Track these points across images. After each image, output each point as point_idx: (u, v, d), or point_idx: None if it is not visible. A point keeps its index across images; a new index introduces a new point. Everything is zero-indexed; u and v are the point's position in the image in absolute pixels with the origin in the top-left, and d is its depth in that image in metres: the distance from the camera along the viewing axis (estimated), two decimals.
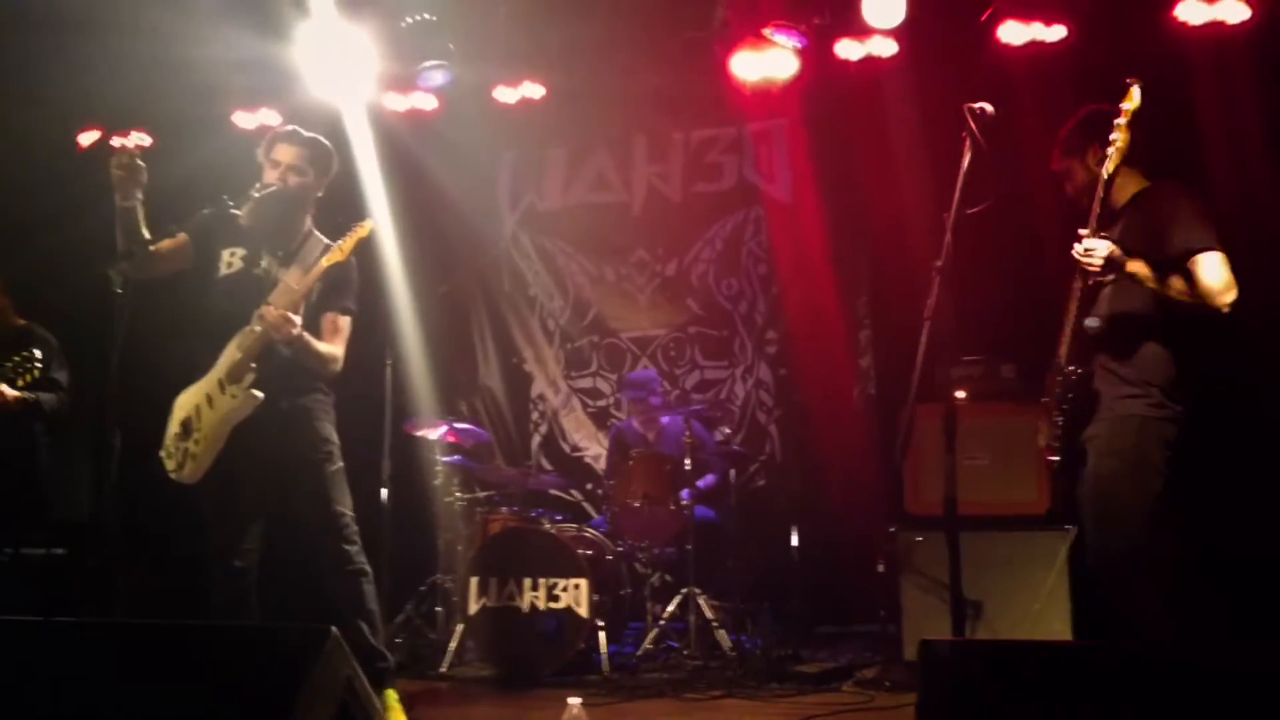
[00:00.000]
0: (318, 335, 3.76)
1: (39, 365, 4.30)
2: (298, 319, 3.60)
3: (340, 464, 3.81)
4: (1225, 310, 3.20)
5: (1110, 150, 3.20)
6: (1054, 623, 4.63)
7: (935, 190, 4.16)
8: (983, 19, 5.73)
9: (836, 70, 6.02)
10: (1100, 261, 3.20)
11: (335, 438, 3.83)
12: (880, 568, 5.17)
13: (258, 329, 3.60)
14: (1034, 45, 5.70)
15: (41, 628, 2.73)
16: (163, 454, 3.70)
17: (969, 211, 3.17)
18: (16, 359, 4.27)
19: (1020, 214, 5.44)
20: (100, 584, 5.97)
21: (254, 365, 3.59)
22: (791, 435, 6.57)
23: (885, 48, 5.90)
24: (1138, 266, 3.23)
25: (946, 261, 2.86)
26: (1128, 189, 3.46)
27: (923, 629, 4.75)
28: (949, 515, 3.01)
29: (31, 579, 6.33)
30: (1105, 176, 3.23)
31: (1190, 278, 3.23)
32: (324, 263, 3.67)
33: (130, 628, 2.79)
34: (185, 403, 3.70)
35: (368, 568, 3.81)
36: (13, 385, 4.28)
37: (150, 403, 3.80)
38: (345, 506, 3.78)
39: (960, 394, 4.78)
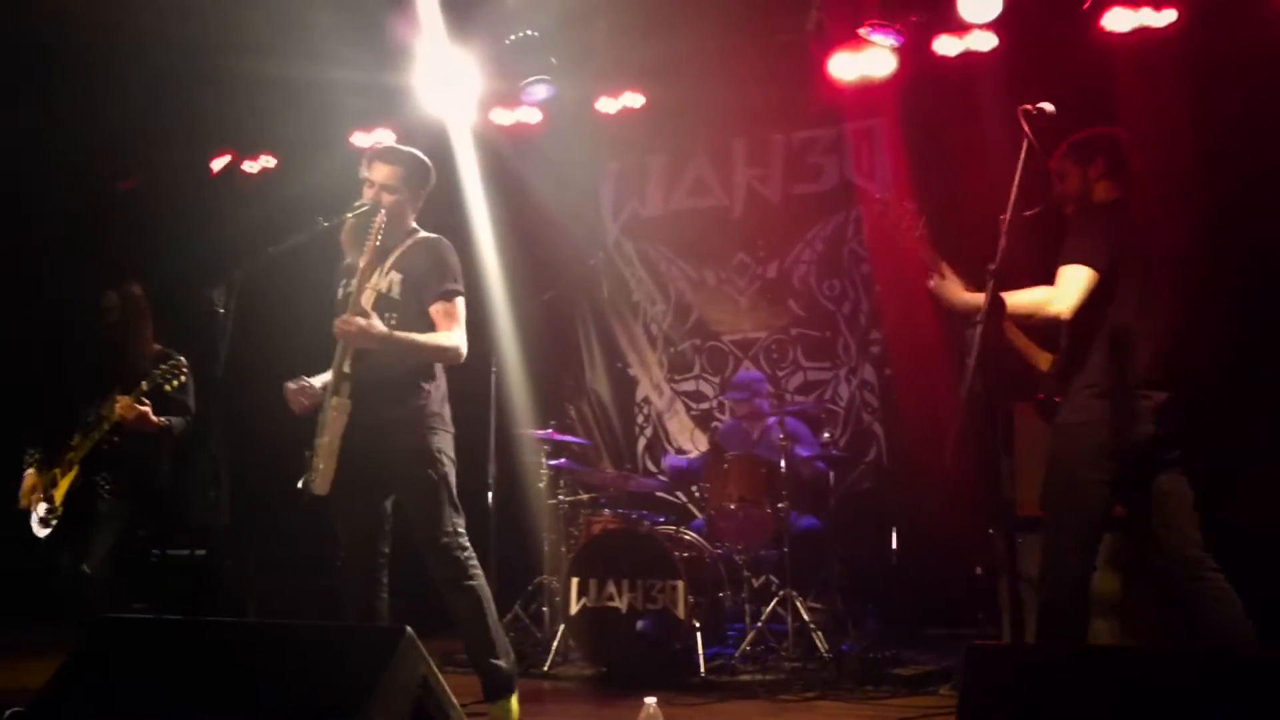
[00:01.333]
0: (418, 324, 3.72)
1: (186, 372, 4.56)
2: (375, 321, 3.57)
3: (445, 474, 3.76)
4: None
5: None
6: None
7: None
8: (1085, 6, 5.59)
9: (935, 66, 5.96)
10: None
11: (440, 447, 3.77)
12: (979, 570, 5.09)
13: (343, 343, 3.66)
14: (1141, 32, 5.53)
15: (142, 626, 2.96)
16: (306, 472, 3.73)
17: (1025, 214, 3.13)
18: (166, 366, 4.54)
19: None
20: (237, 583, 6.34)
21: (347, 374, 3.65)
22: (896, 436, 6.51)
23: (984, 42, 5.80)
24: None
25: (1000, 264, 2.84)
26: None
27: (1025, 631, 4.66)
28: (1006, 514, 3.00)
29: (177, 578, 6.77)
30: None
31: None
32: (392, 257, 3.67)
33: (219, 627, 3.00)
34: (319, 421, 3.77)
35: (480, 580, 3.78)
36: (163, 390, 4.54)
37: (254, 414, 3.98)
38: (449, 521, 3.74)
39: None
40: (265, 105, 7.03)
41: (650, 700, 3.16)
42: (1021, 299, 3.38)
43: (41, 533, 4.67)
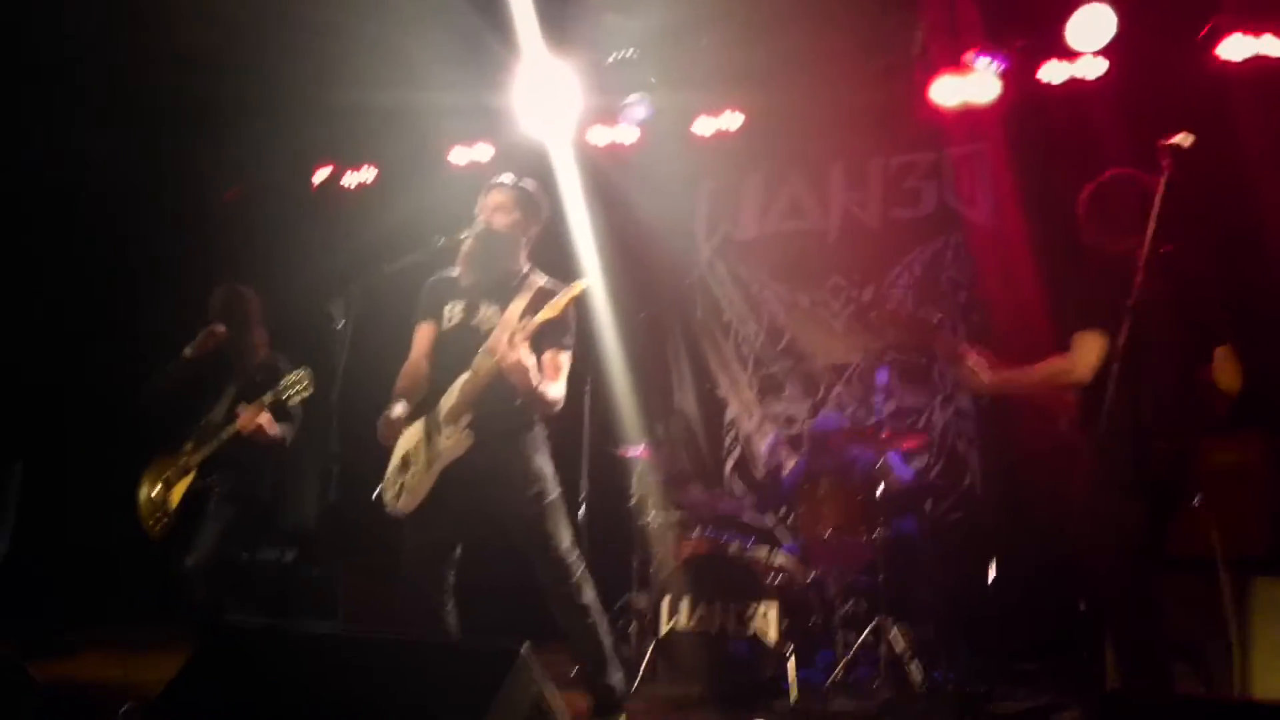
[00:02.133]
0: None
1: (311, 385, 4.65)
2: (531, 364, 3.65)
3: (554, 496, 3.86)
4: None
5: None
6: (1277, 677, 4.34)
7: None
8: (1201, 34, 5.48)
9: (1040, 92, 5.88)
10: None
11: (548, 469, 3.88)
12: (1082, 606, 4.97)
13: (481, 373, 3.73)
14: (1258, 60, 5.39)
15: (261, 633, 3.01)
16: (383, 485, 3.87)
17: (1162, 251, 3.07)
18: (294, 378, 4.64)
19: (1245, 239, 5.18)
20: (320, 590, 6.45)
21: (471, 408, 3.75)
22: (993, 466, 6.40)
23: (1093, 68, 5.72)
24: None
25: (1139, 300, 2.78)
26: None
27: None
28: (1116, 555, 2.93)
29: (265, 581, 6.91)
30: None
31: None
32: (538, 319, 3.72)
33: (335, 638, 3.05)
34: (407, 439, 3.86)
35: (593, 601, 3.88)
36: (288, 404, 4.65)
37: (366, 427, 4.06)
38: (563, 541, 3.84)
39: None
40: (365, 125, 7.17)
41: None
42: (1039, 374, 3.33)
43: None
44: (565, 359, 3.89)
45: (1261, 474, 4.63)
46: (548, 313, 3.72)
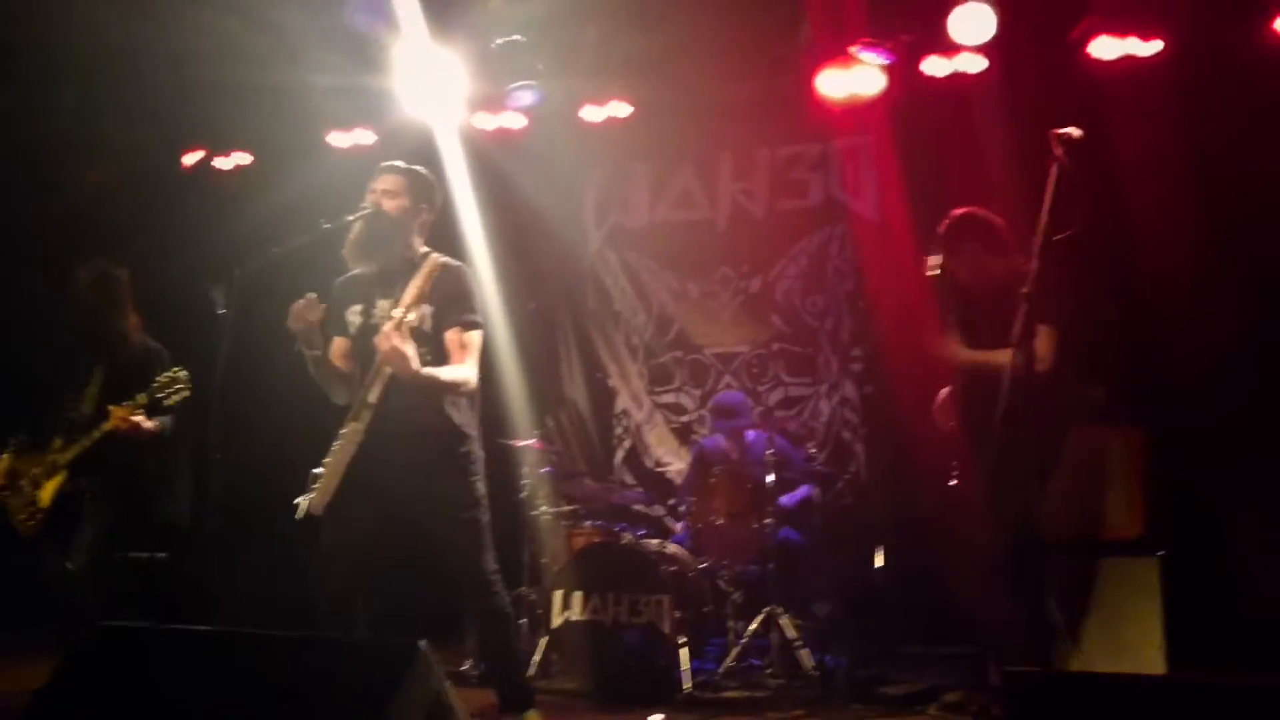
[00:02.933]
0: (444, 357, 3.71)
1: (188, 387, 4.41)
2: (412, 353, 3.50)
3: (487, 519, 3.80)
4: None
5: None
6: (1146, 651, 4.52)
7: (1024, 208, 4.12)
8: (1074, 34, 5.66)
9: (924, 87, 5.99)
10: None
11: (482, 492, 3.80)
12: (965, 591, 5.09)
13: (384, 368, 3.60)
14: (1128, 60, 5.60)
15: (143, 634, 2.85)
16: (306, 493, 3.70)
17: (1056, 238, 3.15)
18: (167, 378, 4.39)
19: (1111, 235, 5.37)
20: (199, 589, 6.20)
21: (371, 404, 3.62)
22: (878, 454, 6.52)
23: (973, 64, 5.85)
24: None
25: (1034, 288, 2.84)
26: None
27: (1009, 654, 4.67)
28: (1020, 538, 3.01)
29: (135, 581, 6.60)
30: None
31: None
32: (408, 297, 3.62)
33: (225, 636, 2.90)
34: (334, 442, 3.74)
35: (509, 610, 3.88)
36: (162, 404, 4.41)
37: (248, 417, 3.90)
38: (490, 564, 3.78)
39: None
40: (240, 104, 6.90)
41: (657, 717, 3.11)
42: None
43: None
44: (472, 337, 3.76)
45: (1141, 462, 4.82)
46: (412, 292, 3.61)
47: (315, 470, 3.65)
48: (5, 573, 5.27)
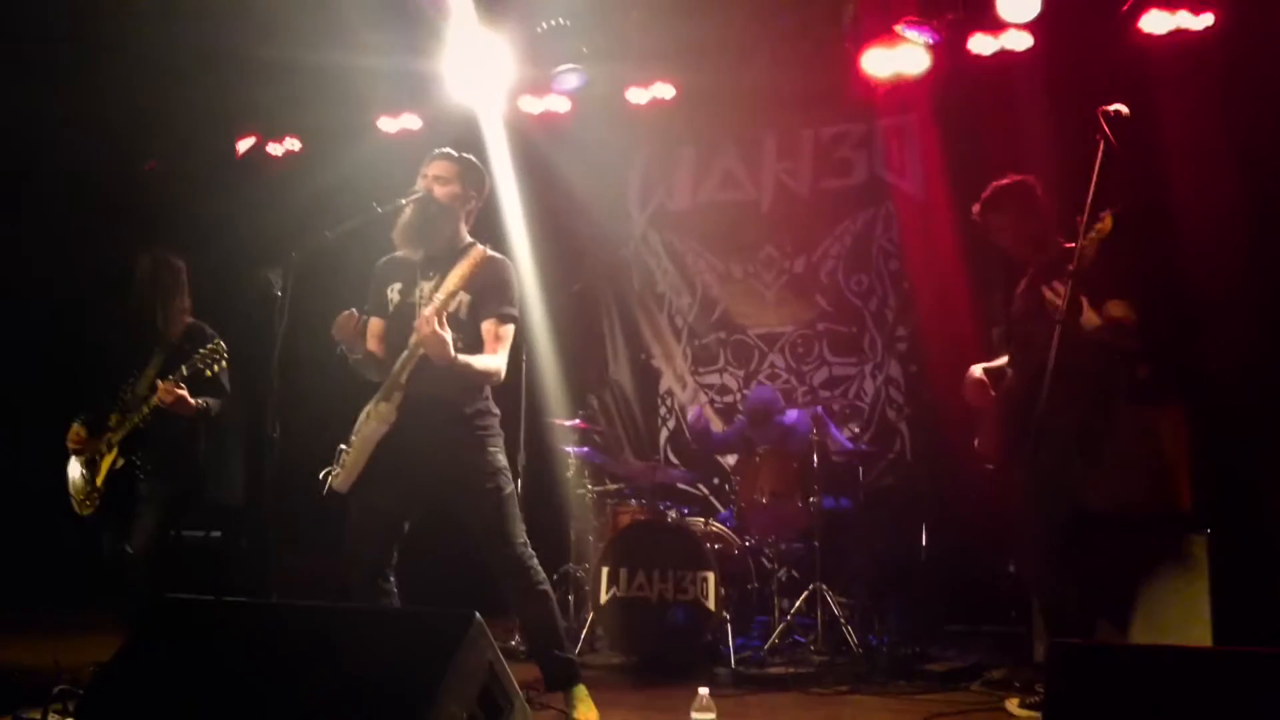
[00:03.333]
0: (478, 347, 3.75)
1: (225, 357, 4.54)
2: (448, 337, 3.55)
3: (509, 490, 3.83)
4: None
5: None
6: (1193, 627, 4.52)
7: (1070, 186, 4.11)
8: (1124, 9, 5.59)
9: (969, 65, 5.95)
10: None
11: (502, 462, 3.83)
12: (1011, 568, 5.11)
13: (413, 350, 3.65)
14: (1178, 34, 5.53)
15: (206, 607, 2.95)
16: (329, 469, 3.79)
17: (1102, 215, 3.15)
18: (206, 350, 4.51)
19: (1156, 213, 5.32)
20: (254, 566, 6.34)
21: (402, 385, 3.68)
22: (922, 433, 6.52)
23: (1020, 41, 5.80)
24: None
25: (1079, 265, 2.84)
26: None
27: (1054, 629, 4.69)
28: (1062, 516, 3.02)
29: (190, 559, 6.76)
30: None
31: None
32: (449, 285, 3.66)
33: (285, 609, 3.00)
34: (359, 418, 3.81)
35: (547, 586, 3.87)
36: (203, 375, 4.53)
37: (305, 397, 3.98)
38: (518, 538, 3.80)
39: None
40: (290, 90, 7.00)
41: (704, 690, 3.17)
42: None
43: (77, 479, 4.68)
44: (507, 330, 3.81)
45: (1186, 439, 4.80)
46: (455, 279, 3.66)
47: (342, 446, 3.73)
48: (67, 551, 5.44)
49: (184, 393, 4.49)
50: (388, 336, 3.85)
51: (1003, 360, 4.24)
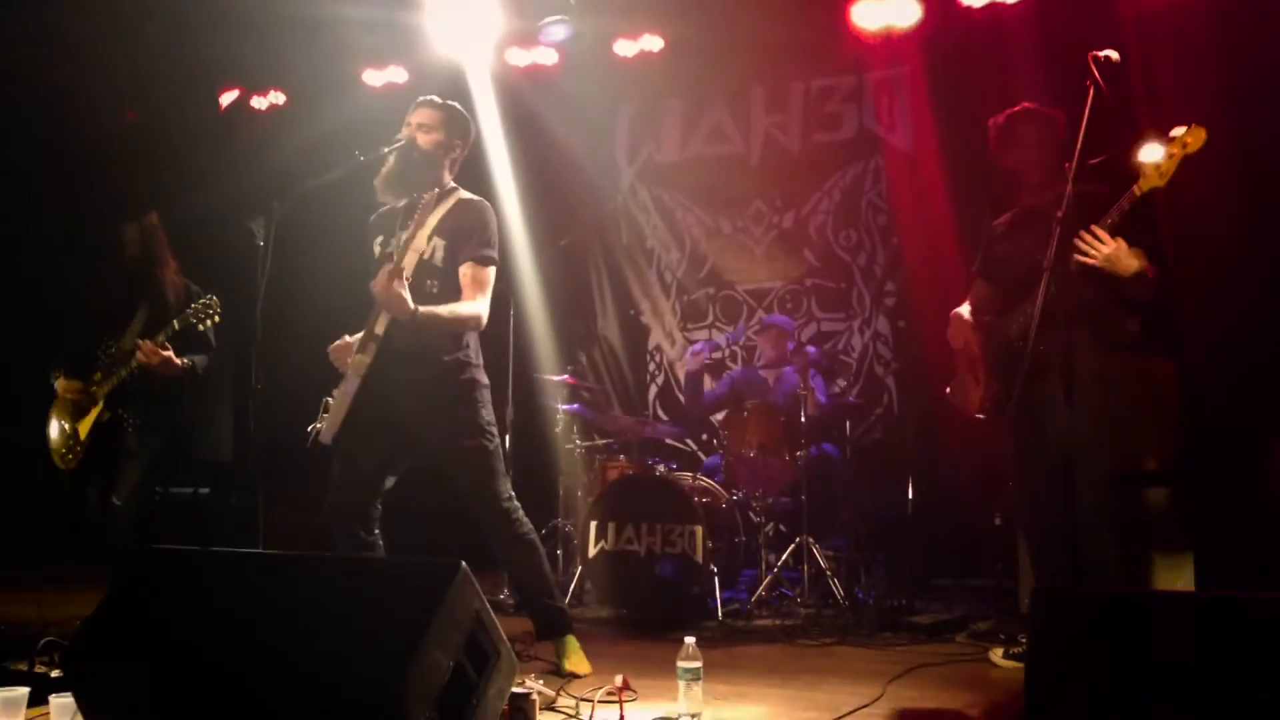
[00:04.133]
0: (455, 291, 3.72)
1: (219, 313, 4.51)
2: (405, 294, 3.51)
3: (495, 445, 3.80)
4: None
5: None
6: (1177, 577, 4.56)
7: (1062, 139, 4.08)
8: None
9: (960, 17, 5.91)
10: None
11: (489, 418, 3.81)
12: (997, 521, 5.14)
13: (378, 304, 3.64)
14: None
15: (191, 557, 2.94)
16: (319, 419, 3.76)
17: (1091, 162, 3.12)
18: (200, 305, 4.50)
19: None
20: (243, 522, 6.34)
21: (377, 336, 3.65)
22: (909, 388, 6.52)
23: None
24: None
25: (1067, 212, 2.82)
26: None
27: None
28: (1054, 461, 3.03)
29: (180, 516, 6.76)
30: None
31: None
32: (436, 215, 3.66)
33: (270, 559, 2.99)
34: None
35: (534, 536, 3.88)
36: (197, 330, 4.51)
37: (287, 347, 3.95)
38: (504, 492, 3.80)
39: None
40: (274, 43, 6.91)
41: (690, 639, 3.18)
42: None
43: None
44: (485, 273, 3.76)
45: (1173, 394, 4.81)
46: (425, 228, 3.64)
47: (327, 399, 3.71)
48: (51, 506, 5.42)
49: (169, 354, 4.48)
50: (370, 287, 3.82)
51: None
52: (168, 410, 4.73)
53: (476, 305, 3.72)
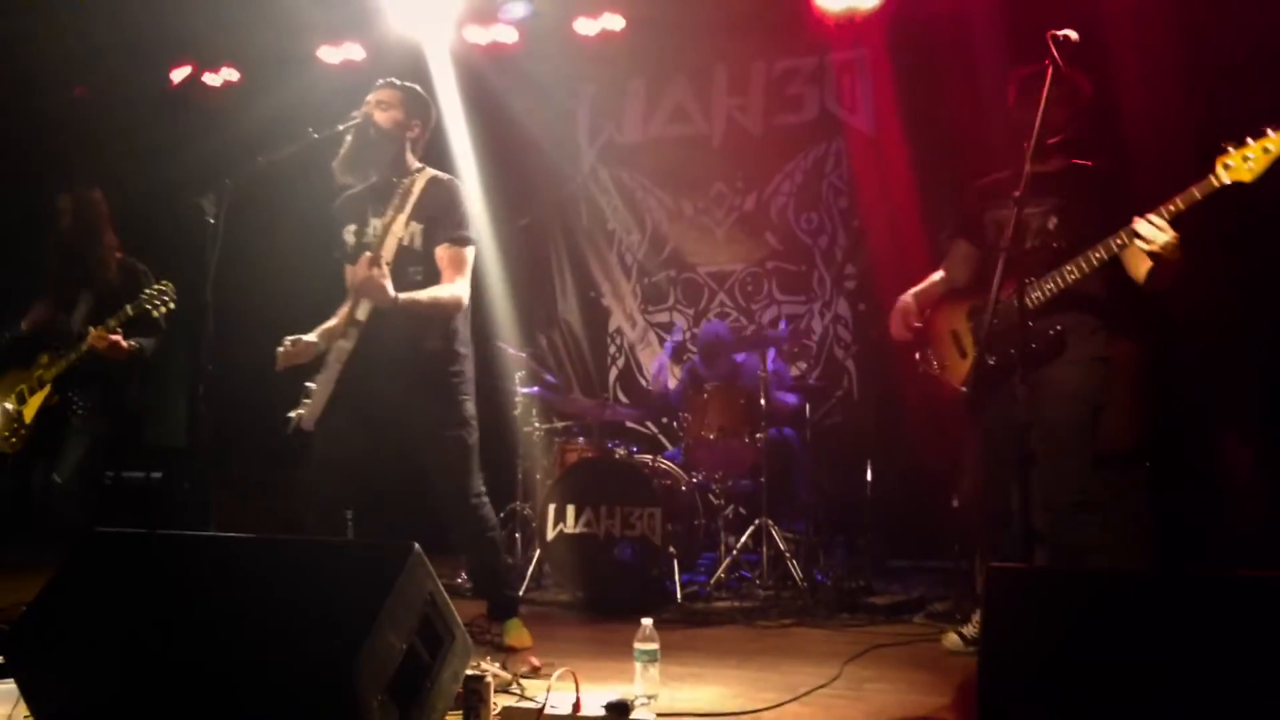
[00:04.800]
0: (436, 275, 3.68)
1: (174, 299, 4.42)
2: (386, 282, 3.47)
3: (474, 440, 3.78)
4: None
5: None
6: (1132, 556, 4.60)
7: (1021, 123, 4.07)
8: None
9: None
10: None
11: (471, 412, 3.79)
12: (955, 503, 5.16)
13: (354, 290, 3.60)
14: None
15: (139, 540, 2.88)
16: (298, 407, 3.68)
17: (1049, 141, 3.12)
18: (154, 290, 4.39)
19: (1108, 151, 5.31)
20: (195, 507, 6.25)
21: (359, 322, 3.61)
22: (869, 371, 6.55)
23: None
24: None
25: (1025, 191, 2.81)
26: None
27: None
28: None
29: (131, 501, 6.66)
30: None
31: None
32: (410, 201, 3.61)
33: (219, 541, 2.94)
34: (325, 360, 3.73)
35: (497, 535, 3.88)
36: (151, 317, 4.42)
37: (238, 326, 3.87)
38: (476, 487, 3.79)
39: None
40: (227, 18, 6.77)
41: (647, 621, 3.16)
42: None
43: None
44: (463, 253, 3.73)
45: (1131, 376, 4.85)
46: (402, 215, 3.60)
47: (308, 384, 3.65)
48: None
49: (117, 338, 4.40)
50: (345, 277, 3.77)
51: (936, 276, 4.14)
52: (116, 392, 4.64)
53: (456, 288, 3.69)
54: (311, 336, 3.67)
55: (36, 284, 4.77)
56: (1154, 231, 3.23)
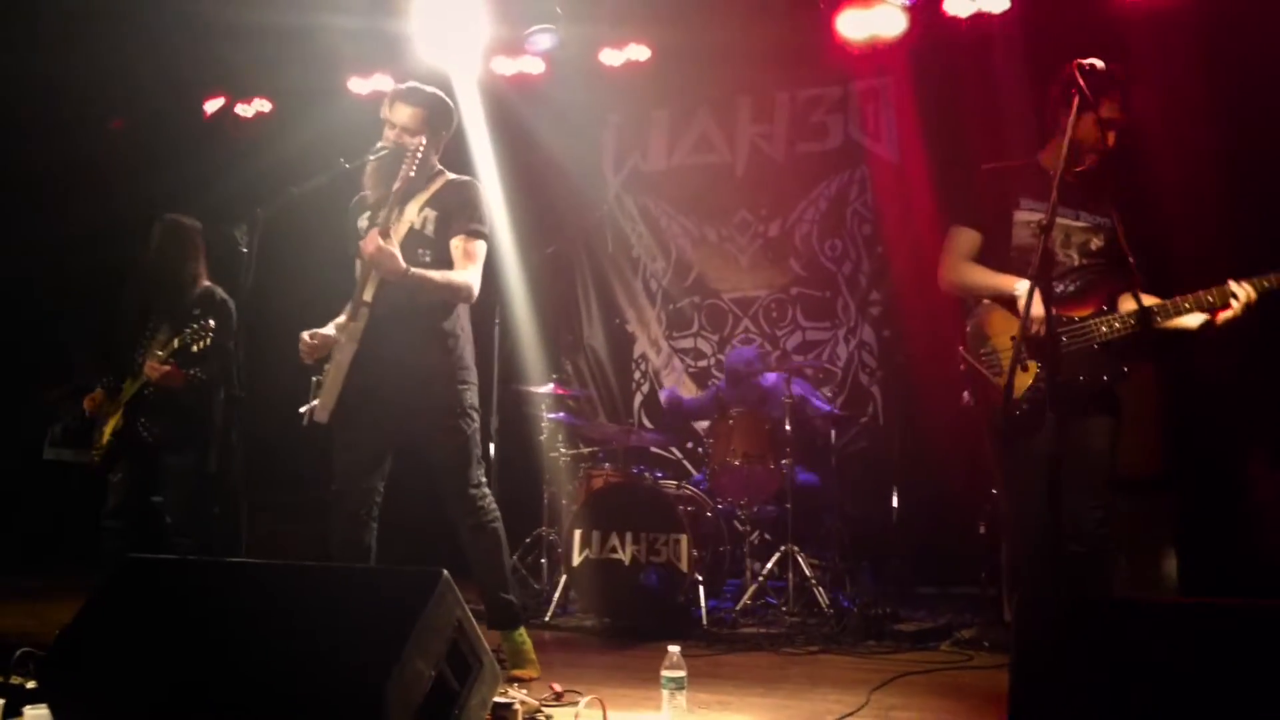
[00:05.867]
0: (446, 263, 3.72)
1: (211, 333, 4.47)
2: (395, 250, 3.53)
3: (472, 430, 3.80)
4: None
5: None
6: (1160, 589, 4.57)
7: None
8: None
9: (945, 26, 5.93)
10: None
11: (472, 402, 3.81)
12: (982, 529, 5.14)
13: (367, 269, 3.63)
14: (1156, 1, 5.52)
15: (172, 566, 2.92)
16: (310, 400, 3.73)
17: (1076, 170, 3.12)
18: (193, 327, 4.43)
19: (1131, 177, 5.31)
20: (226, 532, 6.31)
21: (367, 303, 3.64)
22: (894, 397, 6.53)
23: (997, 3, 5.80)
24: None
25: (1050, 220, 2.82)
26: None
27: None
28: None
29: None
30: None
31: None
32: (429, 190, 3.66)
33: (250, 568, 2.97)
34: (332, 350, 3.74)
35: (499, 525, 3.87)
36: (189, 350, 4.45)
37: (271, 354, 3.93)
38: (476, 478, 3.81)
39: None
40: (260, 51, 6.89)
41: (674, 648, 3.17)
42: None
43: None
44: (476, 246, 3.77)
45: (1156, 400, 4.83)
46: (419, 199, 3.65)
47: (316, 378, 3.68)
48: (37, 519, 5.38)
49: (168, 369, 4.46)
50: (356, 260, 3.81)
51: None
52: (179, 420, 4.67)
53: (468, 274, 3.73)
54: (328, 330, 3.73)
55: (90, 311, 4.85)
56: (1245, 297, 3.25)
